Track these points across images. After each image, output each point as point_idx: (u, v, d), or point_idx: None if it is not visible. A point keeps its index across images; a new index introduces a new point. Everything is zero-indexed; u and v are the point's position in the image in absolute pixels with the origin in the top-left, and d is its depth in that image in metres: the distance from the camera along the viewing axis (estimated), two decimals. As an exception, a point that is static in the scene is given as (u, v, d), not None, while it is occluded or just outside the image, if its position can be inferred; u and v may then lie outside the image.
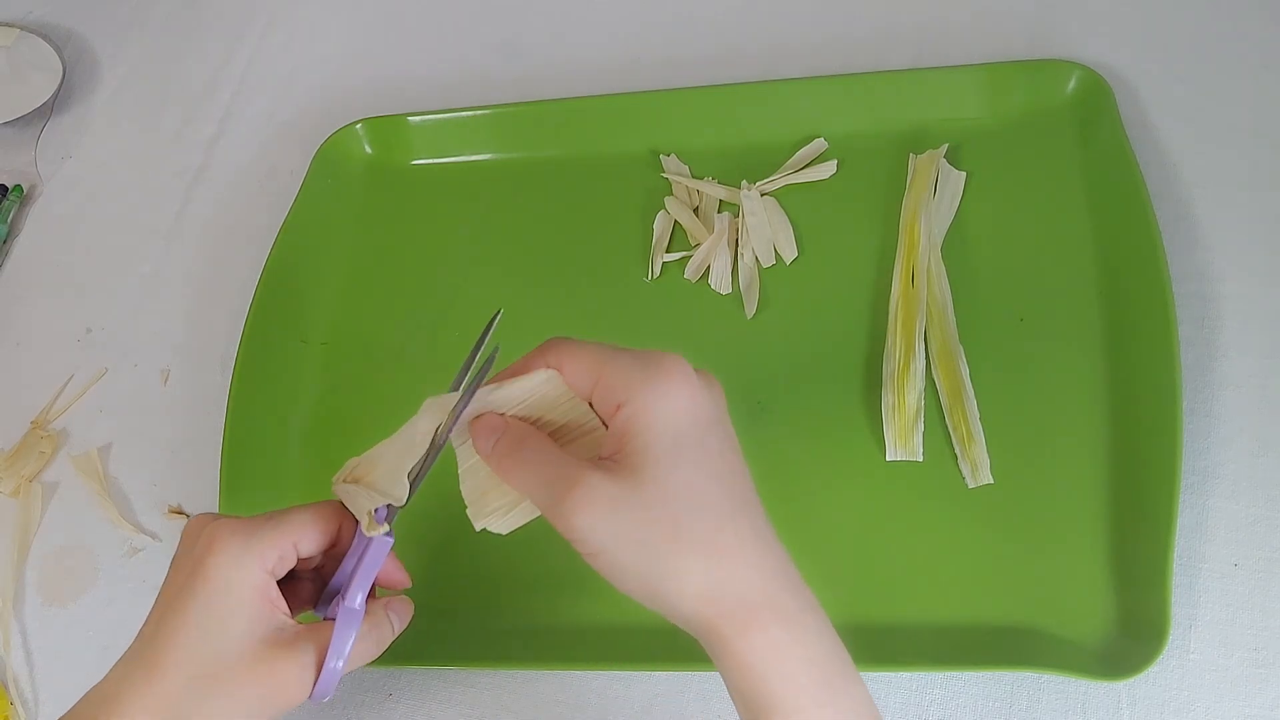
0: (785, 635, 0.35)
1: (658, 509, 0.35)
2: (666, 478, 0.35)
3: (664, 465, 0.35)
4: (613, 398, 0.36)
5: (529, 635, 0.52)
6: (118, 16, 0.82)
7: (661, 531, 0.35)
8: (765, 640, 0.34)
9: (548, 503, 0.36)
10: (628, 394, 0.36)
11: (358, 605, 0.41)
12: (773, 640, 0.35)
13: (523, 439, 0.38)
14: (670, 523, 0.35)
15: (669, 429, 0.35)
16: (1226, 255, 0.56)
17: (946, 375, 0.54)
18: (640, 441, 0.35)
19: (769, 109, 0.64)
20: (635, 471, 0.35)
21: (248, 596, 0.39)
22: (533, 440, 0.38)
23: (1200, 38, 0.63)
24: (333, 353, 0.62)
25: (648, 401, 0.35)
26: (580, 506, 0.35)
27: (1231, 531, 0.50)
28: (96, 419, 0.64)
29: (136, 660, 0.39)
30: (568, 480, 0.35)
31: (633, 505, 0.35)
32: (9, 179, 0.74)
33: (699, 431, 0.36)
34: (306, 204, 0.66)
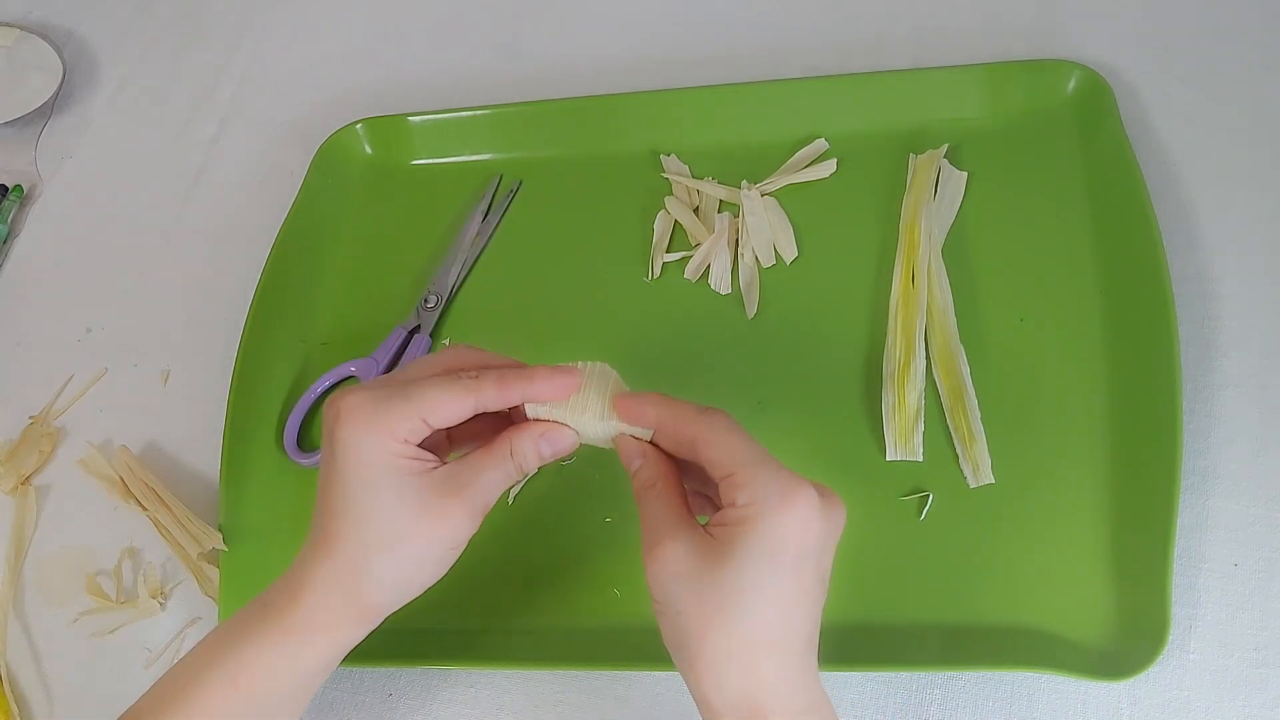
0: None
1: (716, 600, 0.37)
2: (741, 581, 0.37)
3: (746, 572, 0.37)
4: (735, 495, 0.38)
5: (529, 635, 0.52)
6: (118, 16, 0.82)
7: (707, 618, 0.37)
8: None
9: (645, 541, 0.40)
10: (751, 499, 0.38)
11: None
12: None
13: (658, 477, 0.41)
14: (718, 618, 0.37)
15: (770, 547, 0.37)
16: (1226, 255, 0.56)
17: (947, 375, 0.54)
18: (740, 541, 0.37)
19: (769, 109, 0.64)
20: (718, 561, 0.38)
21: (385, 464, 0.40)
22: (665, 481, 0.41)
23: (1200, 38, 0.63)
24: (333, 353, 0.62)
25: (765, 515, 0.37)
26: (659, 559, 0.38)
27: (1231, 531, 0.50)
28: (96, 419, 0.64)
29: (313, 542, 0.42)
30: (665, 531, 0.39)
31: (697, 584, 0.38)
32: (9, 179, 0.74)
33: (795, 560, 0.38)
34: (306, 204, 0.66)
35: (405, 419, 0.40)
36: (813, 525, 0.38)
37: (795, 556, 0.37)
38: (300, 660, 0.42)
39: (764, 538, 0.37)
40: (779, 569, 0.37)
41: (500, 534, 0.43)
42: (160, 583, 0.57)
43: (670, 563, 0.38)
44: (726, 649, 0.37)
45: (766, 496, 0.37)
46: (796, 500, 0.37)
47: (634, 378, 0.58)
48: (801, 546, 0.38)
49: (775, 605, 0.37)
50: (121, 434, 0.63)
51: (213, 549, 0.56)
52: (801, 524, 0.37)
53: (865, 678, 0.49)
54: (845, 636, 0.50)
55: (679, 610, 0.38)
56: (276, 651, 0.41)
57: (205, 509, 0.58)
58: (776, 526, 0.37)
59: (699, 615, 0.37)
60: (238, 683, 0.41)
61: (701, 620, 0.37)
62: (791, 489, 0.38)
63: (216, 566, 0.56)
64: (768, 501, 0.37)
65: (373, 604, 0.42)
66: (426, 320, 0.62)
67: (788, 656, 0.38)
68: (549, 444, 0.42)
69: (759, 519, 0.37)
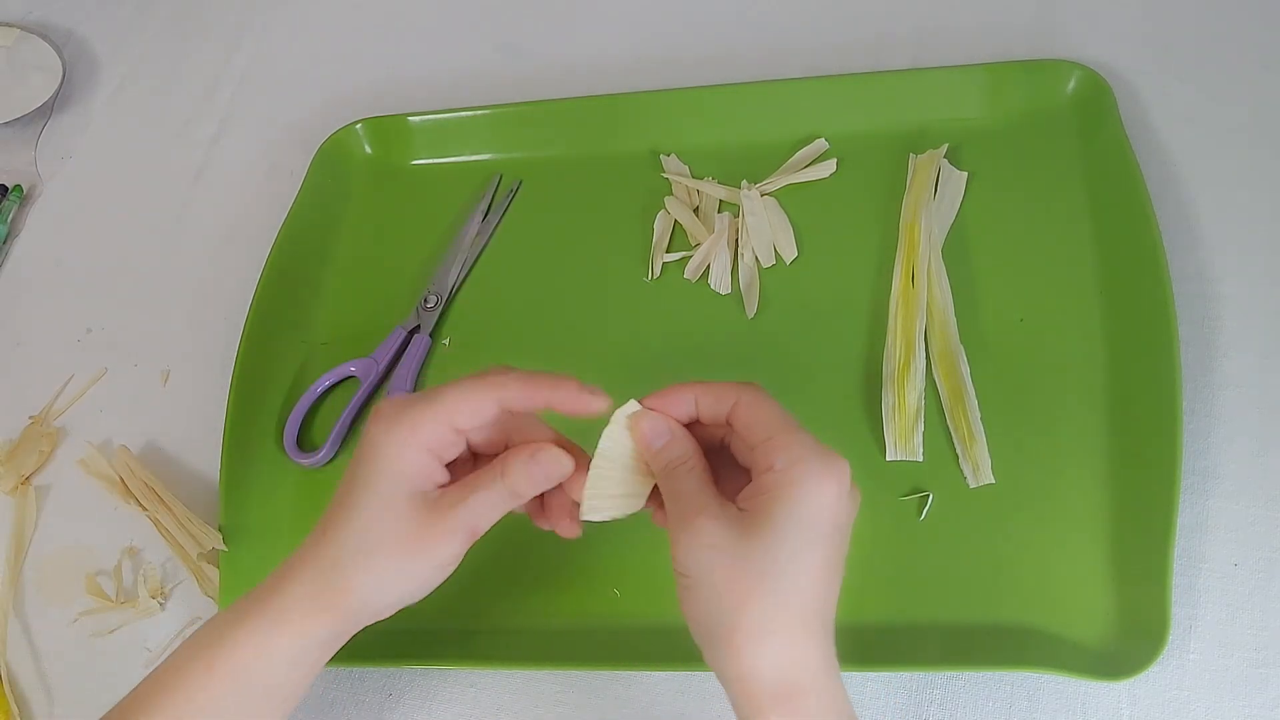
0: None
1: (754, 570, 0.37)
2: (777, 549, 0.37)
3: (782, 540, 0.37)
4: (773, 459, 0.38)
5: (529, 635, 0.52)
6: (118, 16, 0.82)
7: (746, 588, 0.37)
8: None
9: (674, 516, 0.39)
10: (789, 463, 0.38)
11: None
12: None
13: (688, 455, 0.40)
14: (758, 587, 0.37)
15: (805, 514, 0.37)
16: (1226, 255, 0.56)
17: (947, 375, 0.54)
18: (776, 506, 0.37)
19: (769, 109, 0.64)
20: (753, 532, 0.37)
21: (395, 469, 0.40)
22: (694, 459, 0.40)
23: (1200, 38, 0.63)
24: (333, 353, 0.62)
25: (802, 479, 0.37)
26: (692, 536, 0.38)
27: (1231, 531, 0.50)
28: (96, 419, 0.64)
29: (311, 533, 0.42)
30: (698, 506, 0.38)
31: (733, 555, 0.37)
32: (9, 179, 0.74)
33: (825, 529, 0.38)
34: (306, 204, 0.66)
35: (430, 419, 0.40)
36: (845, 498, 0.38)
37: (831, 527, 0.38)
38: (271, 648, 0.41)
39: (803, 504, 0.37)
40: (817, 539, 0.37)
41: (501, 534, 0.43)
42: (160, 583, 0.57)
43: (706, 534, 0.37)
44: (768, 620, 0.37)
45: (808, 461, 0.37)
46: (836, 469, 0.38)
47: (634, 377, 0.58)
48: (837, 517, 0.38)
49: (812, 575, 0.37)
50: (121, 434, 0.63)
51: (213, 549, 0.56)
52: (838, 494, 0.38)
53: (865, 678, 0.49)
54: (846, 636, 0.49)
55: (714, 583, 0.37)
56: (251, 640, 0.41)
57: (205, 509, 0.58)
58: (817, 493, 0.37)
59: (738, 587, 0.37)
60: (213, 668, 0.40)
61: (741, 592, 0.37)
62: (832, 458, 0.38)
63: (216, 566, 0.56)
64: (809, 466, 0.37)
65: (347, 605, 0.41)
66: (426, 320, 0.62)
67: (822, 629, 0.38)
68: (539, 465, 0.41)
69: (800, 483, 0.37)
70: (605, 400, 0.41)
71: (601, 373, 0.58)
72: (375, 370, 0.60)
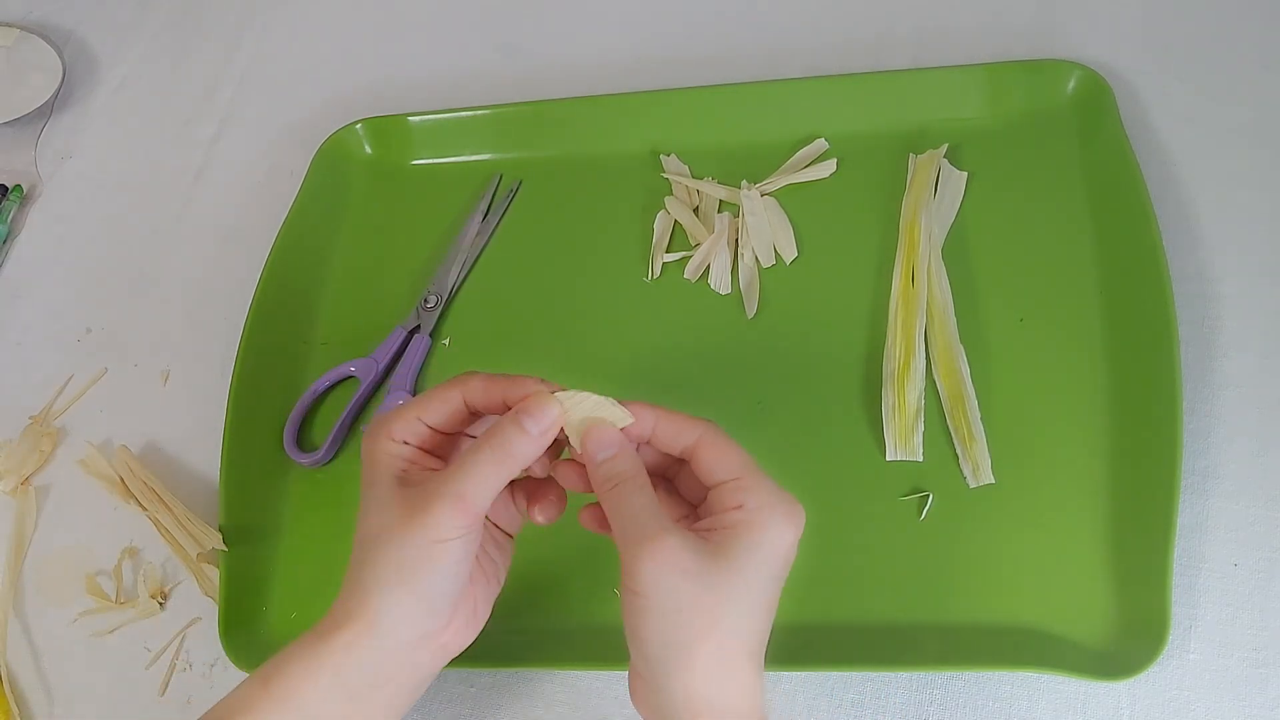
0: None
1: (717, 602, 0.37)
2: (740, 586, 0.38)
3: (745, 577, 0.38)
4: (740, 499, 0.39)
5: (529, 635, 0.52)
6: (118, 16, 0.82)
7: (708, 620, 0.37)
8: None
9: (628, 533, 0.39)
10: (758, 505, 0.39)
11: None
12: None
13: (636, 471, 0.40)
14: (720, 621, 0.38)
15: (766, 554, 0.38)
16: (1226, 255, 0.56)
17: (947, 375, 0.54)
18: (742, 543, 0.38)
19: (769, 109, 0.64)
20: (717, 564, 0.38)
21: (385, 465, 0.42)
22: (642, 476, 0.40)
23: (1200, 38, 0.63)
24: (333, 353, 0.62)
25: (770, 522, 0.39)
26: (656, 555, 0.38)
27: (1231, 531, 0.50)
28: (96, 419, 0.64)
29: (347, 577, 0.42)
30: (657, 527, 0.38)
31: (699, 584, 0.37)
32: (9, 179, 0.74)
33: (780, 571, 0.39)
34: (306, 204, 0.66)
35: (400, 418, 0.42)
36: (797, 541, 0.39)
37: (783, 567, 0.39)
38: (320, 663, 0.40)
39: (768, 545, 0.38)
40: (772, 579, 0.39)
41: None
42: (160, 583, 0.57)
43: (672, 557, 0.37)
44: (726, 650, 0.38)
45: (773, 505, 0.39)
46: (795, 515, 0.39)
47: (634, 377, 0.58)
48: (788, 559, 0.39)
49: (764, 612, 0.39)
50: (121, 434, 0.63)
51: (213, 549, 0.56)
52: (795, 536, 0.39)
53: (865, 678, 0.49)
54: (846, 636, 0.50)
55: (678, 608, 0.37)
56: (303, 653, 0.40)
57: (205, 509, 0.58)
58: (779, 536, 0.38)
59: (703, 614, 0.37)
60: (269, 684, 0.40)
61: (706, 620, 0.37)
62: (792, 503, 0.39)
63: (216, 566, 0.56)
64: (774, 511, 0.38)
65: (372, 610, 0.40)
66: (426, 320, 0.62)
67: (760, 661, 0.39)
68: (530, 419, 0.40)
69: (767, 526, 0.38)
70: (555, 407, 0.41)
71: (601, 373, 0.59)
72: (375, 370, 0.60)
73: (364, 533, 0.41)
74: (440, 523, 0.39)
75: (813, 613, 0.50)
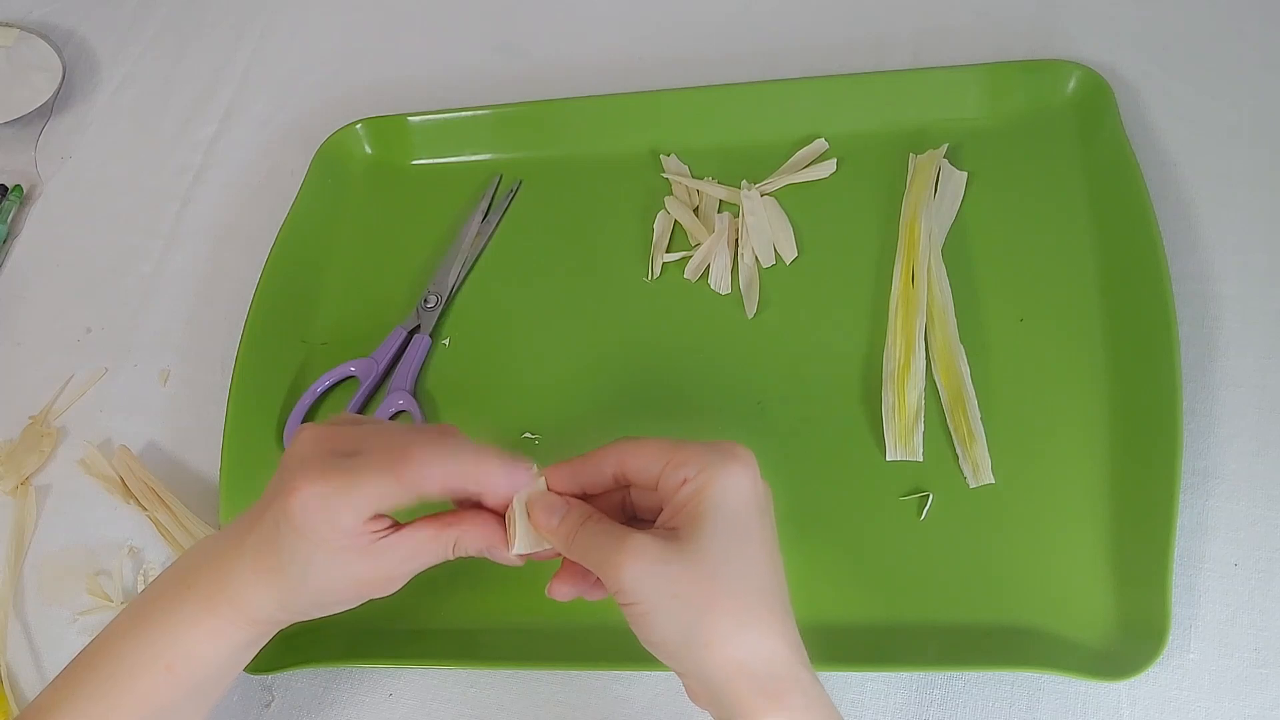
0: (808, 717, 0.37)
1: (705, 571, 0.37)
2: (719, 546, 0.38)
3: (720, 536, 0.38)
4: (680, 474, 0.39)
5: (529, 635, 0.52)
6: (118, 16, 0.82)
7: (704, 590, 0.37)
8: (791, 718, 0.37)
9: (600, 561, 0.39)
10: (698, 469, 0.39)
11: None
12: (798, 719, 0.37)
13: (585, 517, 0.41)
14: (715, 586, 0.37)
15: (730, 504, 0.38)
16: (1226, 255, 0.56)
17: (947, 375, 0.54)
18: (701, 509, 0.38)
19: (769, 109, 0.64)
20: (689, 538, 0.38)
21: (327, 542, 0.40)
22: (594, 514, 0.41)
23: (1200, 38, 0.63)
24: (333, 353, 0.62)
25: (715, 476, 0.38)
26: (628, 559, 0.38)
27: (1231, 531, 0.50)
28: (96, 419, 0.64)
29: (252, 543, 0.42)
30: (619, 537, 0.39)
31: (679, 564, 0.37)
32: (9, 179, 0.74)
33: (754, 514, 0.39)
34: (306, 204, 0.66)
35: (348, 514, 0.40)
36: (758, 481, 0.39)
37: (756, 511, 0.39)
38: (232, 646, 0.43)
39: (723, 498, 0.38)
40: (748, 527, 0.38)
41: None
42: (160, 583, 0.57)
43: (645, 555, 0.38)
44: (737, 615, 0.37)
45: (710, 459, 0.39)
46: (738, 454, 0.39)
47: (634, 378, 0.58)
48: (758, 500, 0.39)
49: (756, 561, 0.38)
50: (121, 434, 0.63)
51: (213, 549, 0.56)
52: (750, 478, 0.39)
53: (865, 678, 0.49)
54: (845, 636, 0.50)
55: (672, 598, 0.37)
56: (209, 640, 0.42)
57: (205, 509, 0.59)
58: (732, 484, 0.38)
59: (697, 593, 0.37)
60: (174, 669, 0.42)
61: (702, 597, 0.37)
62: (728, 447, 0.39)
63: (216, 566, 0.56)
64: (714, 462, 0.38)
65: (296, 616, 0.44)
66: (426, 320, 0.62)
67: (784, 611, 0.39)
68: (494, 559, 0.44)
69: (713, 480, 0.38)
70: (526, 473, 0.42)
71: (601, 373, 0.59)
72: (375, 370, 0.60)
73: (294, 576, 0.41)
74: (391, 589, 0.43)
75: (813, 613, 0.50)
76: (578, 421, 0.57)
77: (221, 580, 0.42)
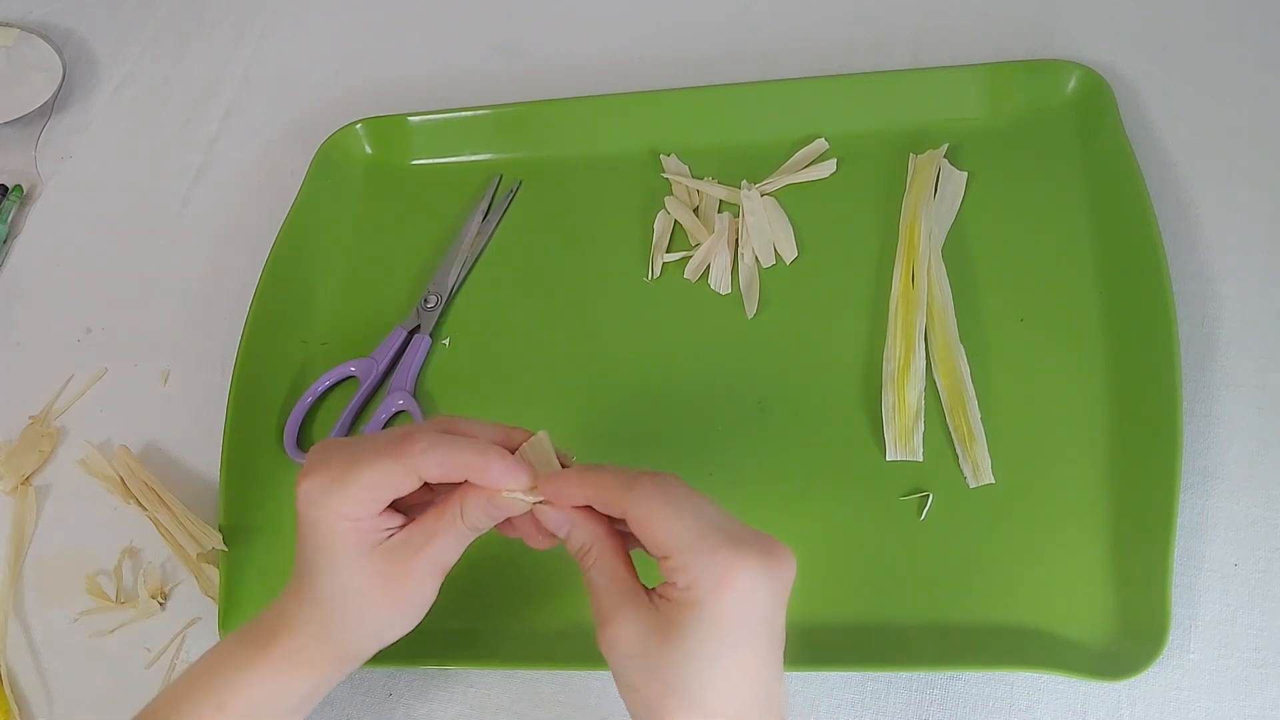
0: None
1: (671, 683, 0.37)
2: (700, 659, 0.37)
3: (705, 649, 0.37)
4: (677, 579, 0.37)
5: (529, 635, 0.52)
6: (118, 16, 0.82)
7: (661, 702, 0.37)
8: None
9: (594, 608, 0.40)
10: (698, 583, 0.37)
11: None
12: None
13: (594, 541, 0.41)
14: (676, 701, 0.37)
15: (731, 624, 0.37)
16: (1226, 255, 0.56)
17: (947, 375, 0.54)
18: (690, 623, 0.37)
19: (769, 109, 0.64)
20: (675, 637, 0.37)
21: (343, 541, 0.41)
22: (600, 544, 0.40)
23: (1200, 38, 0.63)
24: (333, 353, 0.62)
25: (720, 594, 0.36)
26: (611, 639, 0.39)
27: (1231, 531, 0.50)
28: (96, 419, 0.64)
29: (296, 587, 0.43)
30: (612, 605, 0.39)
31: (656, 662, 0.37)
32: (9, 179, 0.74)
33: (746, 634, 0.37)
34: (306, 204, 0.66)
35: (351, 500, 0.40)
36: (756, 597, 0.37)
37: (742, 632, 0.37)
38: (285, 690, 0.43)
39: (707, 619, 0.36)
40: (726, 645, 0.37)
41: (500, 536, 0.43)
42: (160, 583, 0.57)
43: (620, 644, 0.38)
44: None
45: (703, 580, 0.36)
46: (735, 579, 0.36)
47: (634, 378, 0.58)
48: (746, 621, 0.37)
49: (729, 678, 0.37)
50: (121, 434, 0.63)
51: (213, 549, 0.56)
52: (742, 600, 0.36)
53: (865, 678, 0.49)
54: (846, 636, 0.50)
55: (636, 687, 0.38)
56: (263, 682, 0.42)
57: (205, 509, 0.59)
58: (719, 608, 0.36)
59: (657, 693, 0.37)
60: (225, 708, 0.42)
61: (660, 698, 0.37)
62: (729, 568, 0.36)
63: (216, 566, 0.56)
64: (705, 585, 0.36)
65: (348, 652, 0.44)
66: (426, 320, 0.62)
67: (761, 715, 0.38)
68: (498, 508, 0.41)
69: (700, 603, 0.36)
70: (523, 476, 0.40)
71: (601, 373, 0.59)
72: (375, 370, 0.60)
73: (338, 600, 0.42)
74: (429, 591, 0.43)
75: (813, 613, 0.50)
76: (578, 422, 0.57)
77: (271, 622, 0.43)
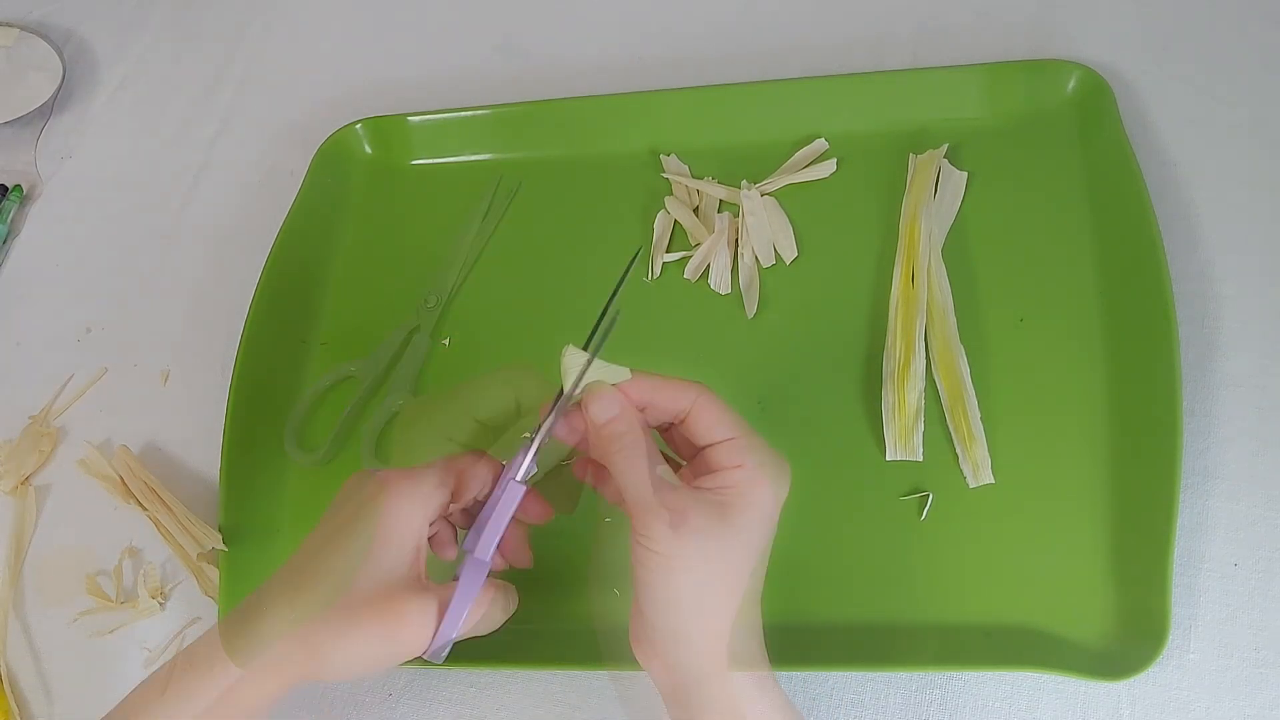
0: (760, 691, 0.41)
1: (730, 557, 0.40)
2: (754, 543, 0.41)
3: (751, 533, 0.40)
4: (740, 458, 0.41)
5: (529, 635, 0.52)
6: (118, 16, 0.82)
7: (722, 574, 0.40)
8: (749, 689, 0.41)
9: (639, 496, 0.40)
10: (760, 464, 0.41)
11: (486, 557, 0.43)
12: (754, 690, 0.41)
13: (639, 434, 0.42)
14: (729, 573, 0.40)
15: (767, 511, 0.41)
16: (1226, 255, 0.56)
17: (947, 375, 0.54)
18: (746, 502, 0.40)
19: (769, 109, 0.64)
20: (730, 517, 0.40)
21: (408, 541, 0.42)
22: (645, 437, 0.42)
23: (1200, 38, 0.63)
24: (333, 353, 0.62)
25: (769, 480, 0.41)
26: (674, 514, 0.39)
27: (1231, 531, 0.50)
28: (96, 419, 0.64)
29: (285, 584, 0.42)
30: (669, 486, 0.41)
31: (714, 540, 0.40)
32: (9, 179, 0.74)
33: (773, 525, 0.42)
34: (306, 204, 0.66)
35: (436, 497, 0.43)
36: (788, 480, 0.42)
37: (774, 523, 0.41)
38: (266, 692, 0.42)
39: (762, 503, 0.40)
40: (766, 533, 0.41)
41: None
42: (160, 583, 0.57)
43: (689, 518, 0.39)
44: (735, 600, 0.40)
45: (768, 464, 0.41)
46: (786, 473, 0.41)
47: (634, 378, 0.58)
48: (776, 515, 0.41)
49: (762, 564, 0.41)
50: (121, 434, 0.63)
51: (213, 549, 0.56)
52: (784, 495, 0.41)
53: (865, 678, 0.49)
54: (847, 636, 0.50)
55: (701, 563, 0.39)
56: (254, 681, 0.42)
57: (205, 509, 0.59)
58: (775, 492, 0.41)
59: (718, 569, 0.39)
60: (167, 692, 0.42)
61: (720, 574, 0.40)
62: (782, 463, 0.42)
63: (216, 566, 0.56)
64: (769, 469, 0.41)
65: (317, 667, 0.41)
66: (426, 320, 0.62)
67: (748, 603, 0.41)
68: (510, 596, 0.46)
69: (760, 483, 0.40)
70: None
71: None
72: (375, 370, 0.60)
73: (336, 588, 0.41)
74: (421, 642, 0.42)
75: (813, 613, 0.50)
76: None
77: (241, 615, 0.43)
